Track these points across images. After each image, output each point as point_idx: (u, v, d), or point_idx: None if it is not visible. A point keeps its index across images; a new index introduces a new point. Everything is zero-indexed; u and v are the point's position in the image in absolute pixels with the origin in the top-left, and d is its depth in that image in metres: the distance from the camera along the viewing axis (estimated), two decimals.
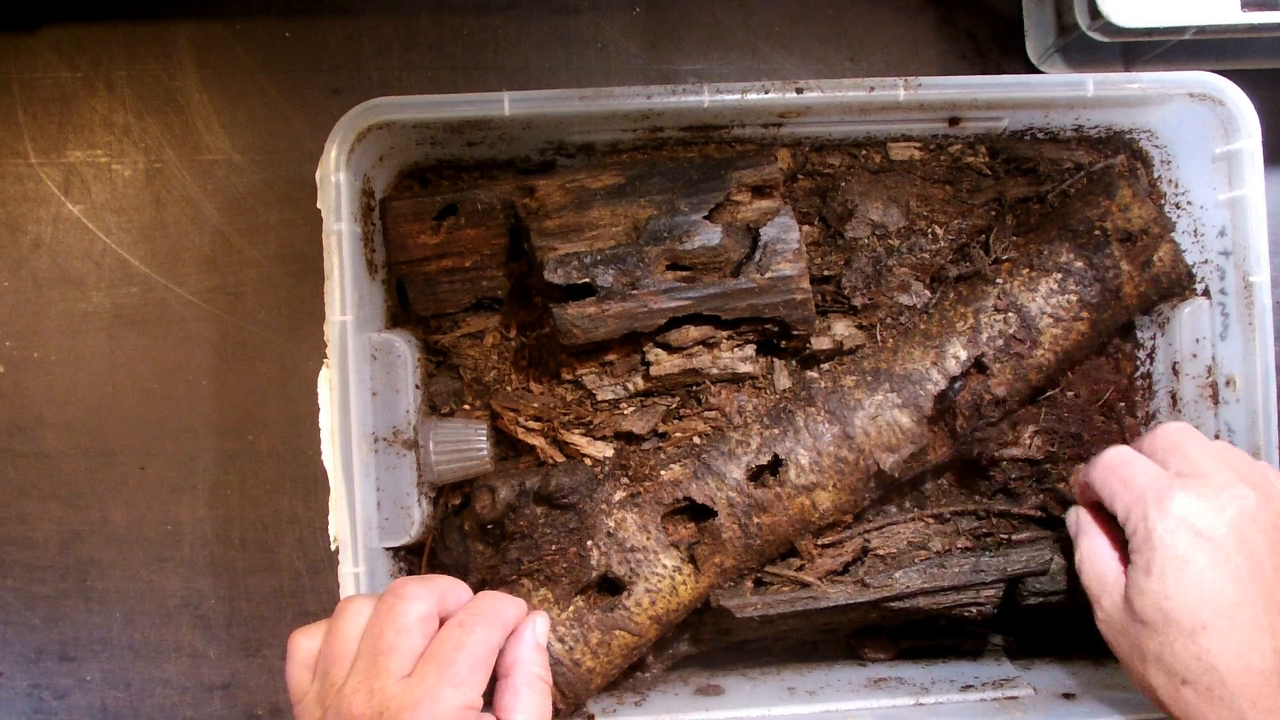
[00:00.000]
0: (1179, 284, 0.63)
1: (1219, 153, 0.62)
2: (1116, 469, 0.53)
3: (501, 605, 0.50)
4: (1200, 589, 0.49)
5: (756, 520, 0.59)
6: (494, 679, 0.49)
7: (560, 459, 0.62)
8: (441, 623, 0.48)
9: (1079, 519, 0.56)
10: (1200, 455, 0.52)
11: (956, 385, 0.60)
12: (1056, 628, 0.67)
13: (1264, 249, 0.61)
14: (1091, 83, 0.61)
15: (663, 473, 0.60)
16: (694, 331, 0.59)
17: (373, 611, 0.48)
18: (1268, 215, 0.61)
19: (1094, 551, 0.54)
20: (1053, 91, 0.61)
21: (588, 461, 0.61)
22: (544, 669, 0.49)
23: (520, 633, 0.50)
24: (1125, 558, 0.52)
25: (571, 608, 0.58)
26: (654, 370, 0.60)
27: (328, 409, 0.57)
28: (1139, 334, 0.68)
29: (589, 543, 0.58)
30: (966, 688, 0.63)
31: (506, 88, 0.59)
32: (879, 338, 0.62)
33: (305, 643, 0.49)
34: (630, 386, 0.61)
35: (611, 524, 0.59)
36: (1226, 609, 0.48)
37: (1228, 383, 0.63)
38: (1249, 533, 0.49)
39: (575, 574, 0.58)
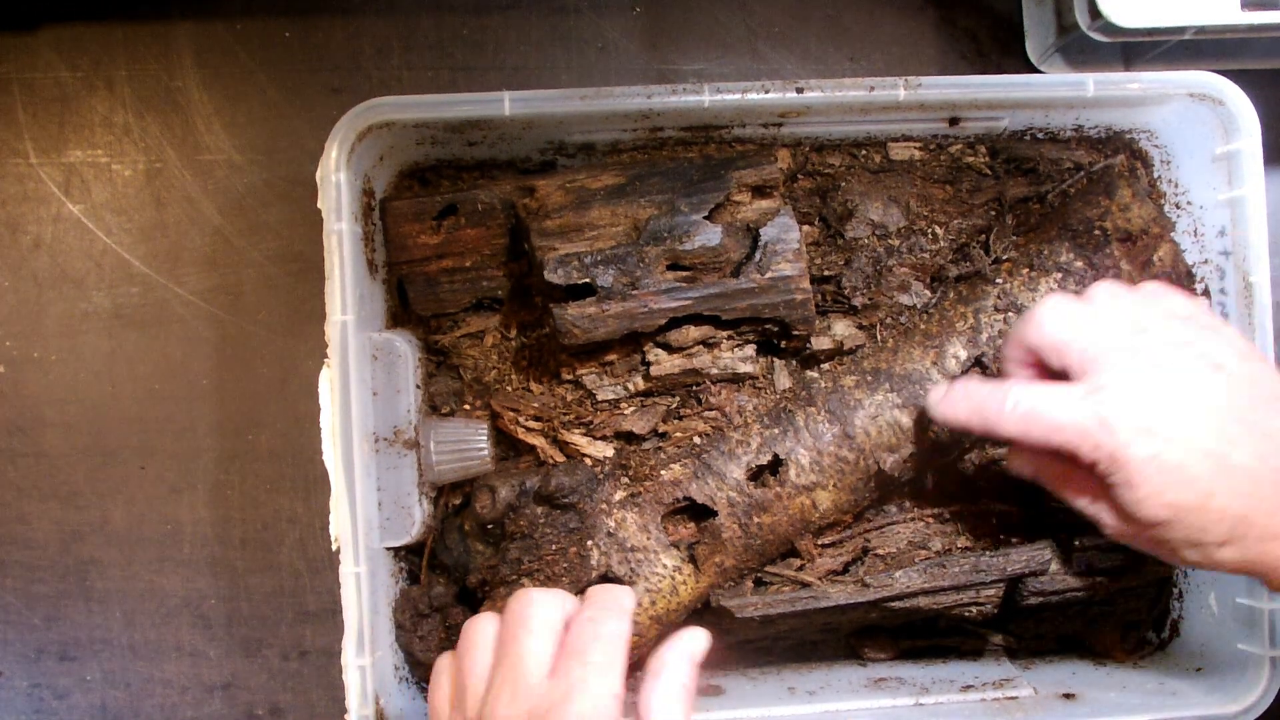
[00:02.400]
0: (1179, 284, 0.63)
1: (1219, 153, 0.62)
2: (1034, 415, 0.50)
3: (620, 595, 0.49)
4: (1187, 470, 0.48)
5: (757, 520, 0.59)
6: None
7: (560, 459, 0.62)
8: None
9: (1034, 465, 0.54)
10: (1096, 340, 0.50)
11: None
12: (1056, 628, 0.67)
13: (1264, 249, 0.61)
14: (1091, 83, 0.61)
15: (663, 473, 0.60)
16: (694, 331, 0.59)
17: (501, 622, 0.48)
18: (1268, 215, 0.61)
19: (1069, 487, 0.53)
20: (1053, 91, 0.61)
21: (588, 461, 0.61)
22: (692, 682, 0.47)
23: (679, 639, 0.48)
24: (1096, 479, 0.50)
25: None
26: (654, 370, 0.60)
27: (328, 409, 0.57)
28: None
29: (589, 543, 0.58)
30: (967, 688, 0.63)
31: (506, 88, 0.59)
32: (879, 338, 0.62)
33: (445, 663, 0.50)
34: (630, 386, 0.61)
35: (612, 524, 0.59)
36: (1219, 466, 0.48)
37: None
38: (1188, 389, 0.49)
39: (575, 574, 0.58)
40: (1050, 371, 0.52)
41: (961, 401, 0.53)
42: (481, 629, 0.49)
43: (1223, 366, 0.50)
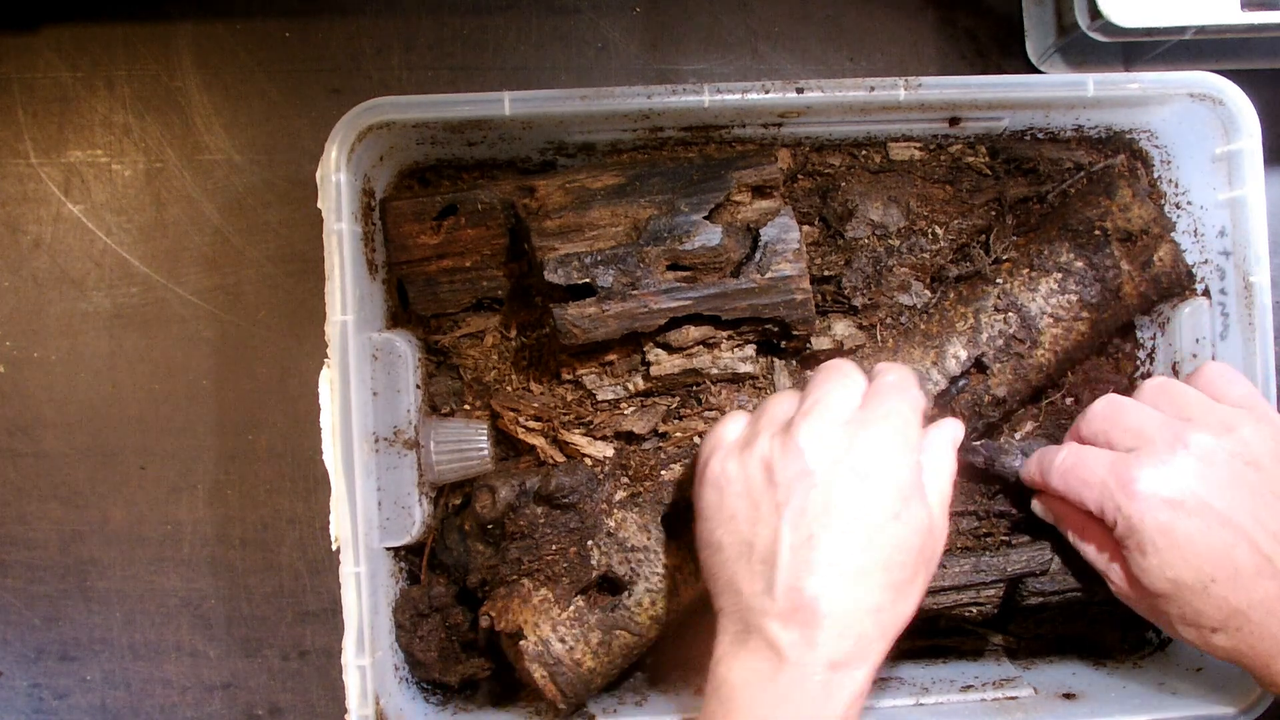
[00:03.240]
0: (1179, 284, 0.63)
1: (1219, 153, 0.62)
2: (1071, 470, 0.54)
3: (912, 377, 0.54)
4: (1195, 549, 0.50)
5: None
6: None
7: (560, 459, 0.62)
8: None
9: (1055, 512, 0.57)
10: (1137, 421, 0.53)
11: (957, 385, 0.60)
12: (1056, 628, 0.67)
13: (1264, 249, 0.61)
14: (1091, 83, 0.61)
15: (663, 473, 0.60)
16: (694, 331, 0.59)
17: (810, 381, 0.53)
18: (1268, 215, 0.61)
19: (1085, 541, 0.55)
20: (1053, 91, 0.61)
21: (588, 461, 0.61)
22: (955, 451, 0.54)
23: (943, 425, 0.54)
24: (1111, 539, 0.53)
25: (572, 608, 0.58)
26: (654, 370, 0.60)
27: (329, 409, 0.57)
28: (1139, 334, 0.68)
29: (589, 543, 0.58)
30: (967, 688, 0.63)
31: (506, 88, 0.59)
32: (879, 338, 0.62)
33: (735, 413, 0.55)
34: (630, 386, 0.61)
35: (612, 524, 0.59)
36: (1225, 556, 0.49)
37: None
38: (1215, 474, 0.50)
39: (576, 574, 0.58)
40: None
41: (1035, 459, 0.58)
42: (785, 391, 0.55)
43: (1256, 462, 0.51)
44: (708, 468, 0.53)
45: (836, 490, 0.48)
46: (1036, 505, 0.58)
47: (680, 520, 0.60)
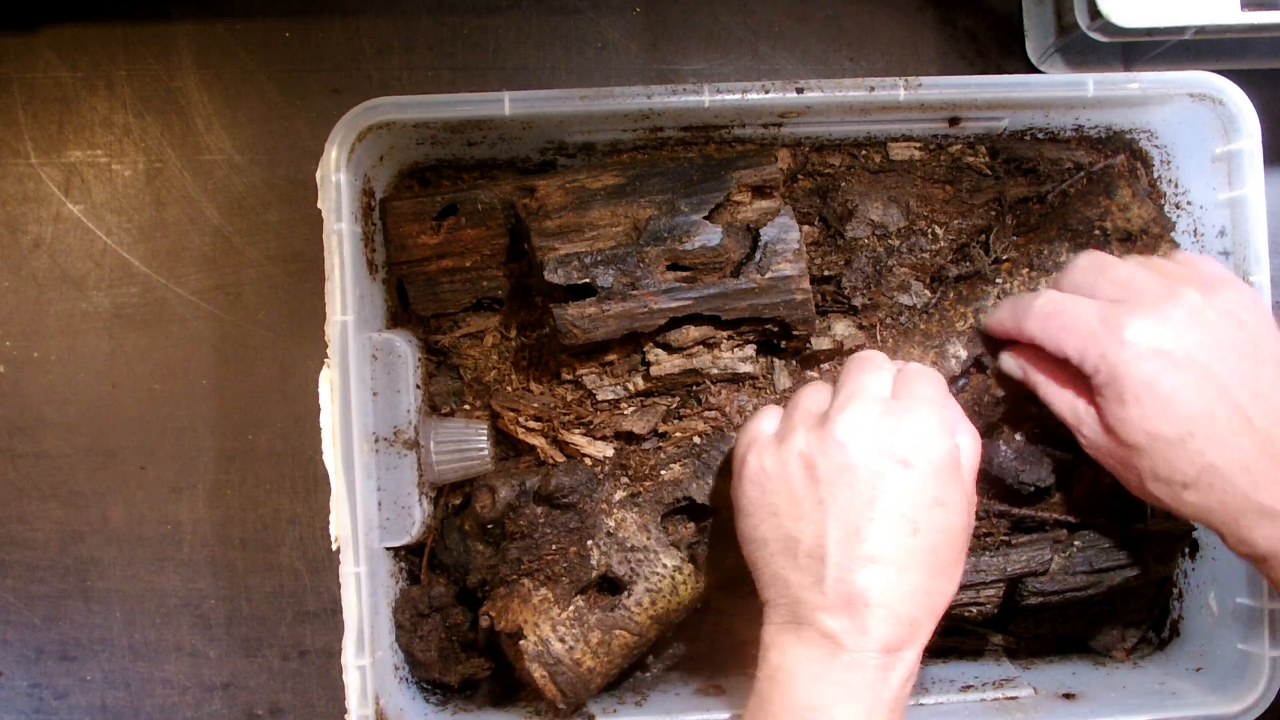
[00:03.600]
0: None
1: (1219, 153, 0.62)
2: (1053, 316, 0.53)
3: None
4: (1176, 403, 0.49)
5: None
6: None
7: (560, 459, 0.62)
8: None
9: (1024, 366, 0.56)
10: (1126, 274, 0.53)
11: (957, 385, 0.60)
12: (1056, 628, 0.67)
13: (1264, 249, 0.61)
14: (1091, 83, 0.61)
15: (663, 473, 0.60)
16: (694, 331, 0.59)
17: (843, 373, 0.53)
18: (1268, 215, 0.61)
19: (1057, 391, 0.54)
20: (1053, 91, 0.61)
21: (588, 461, 0.61)
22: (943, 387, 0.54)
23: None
24: (1087, 390, 0.52)
25: (572, 608, 0.58)
26: (654, 370, 0.60)
27: (329, 409, 0.57)
28: None
29: (589, 542, 0.58)
30: (967, 688, 0.63)
31: (506, 88, 0.59)
32: (879, 338, 0.62)
33: (767, 407, 0.56)
34: (630, 386, 0.61)
35: (612, 524, 0.59)
36: (1206, 411, 0.49)
37: None
38: (1203, 331, 0.50)
39: (575, 574, 0.58)
40: None
41: (1006, 306, 0.57)
42: (816, 383, 0.55)
43: (1241, 322, 0.51)
44: (745, 464, 0.53)
45: (880, 482, 0.48)
46: (1006, 359, 0.58)
47: (680, 520, 0.60)
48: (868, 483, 0.48)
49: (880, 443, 0.49)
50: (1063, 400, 0.54)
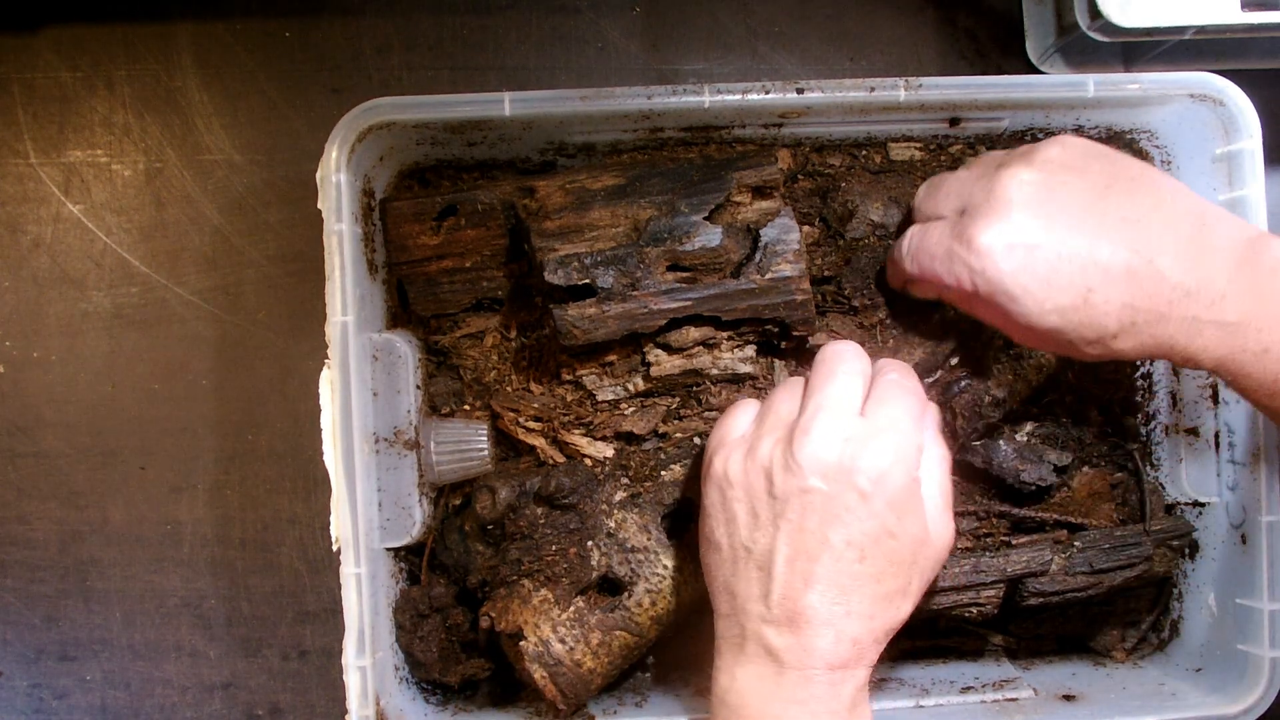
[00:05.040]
0: None
1: (1219, 153, 0.62)
2: (919, 252, 0.54)
3: (908, 368, 0.54)
4: (1059, 272, 0.49)
5: None
6: None
7: (560, 459, 0.62)
8: None
9: (939, 292, 0.56)
10: (955, 183, 0.54)
11: (957, 385, 0.60)
12: (1056, 628, 0.67)
13: None
14: (1092, 83, 0.61)
15: (663, 473, 0.60)
16: (694, 332, 0.59)
17: (813, 369, 0.53)
18: (1268, 215, 0.61)
19: (972, 305, 0.54)
20: (1053, 92, 0.61)
21: (588, 462, 0.61)
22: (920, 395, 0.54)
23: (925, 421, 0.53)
24: (984, 302, 0.52)
25: (572, 608, 0.58)
26: (654, 371, 0.60)
27: (329, 409, 0.57)
28: None
29: (589, 543, 0.58)
30: (967, 689, 0.63)
31: (506, 88, 0.59)
32: (879, 338, 0.62)
33: (741, 404, 0.55)
34: (630, 387, 0.61)
35: (612, 524, 0.59)
36: (1090, 262, 0.49)
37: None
38: (1043, 196, 0.50)
39: (576, 574, 0.58)
40: None
41: (891, 253, 0.58)
42: (791, 381, 0.54)
43: (1071, 166, 0.51)
44: (711, 465, 0.53)
45: (835, 509, 0.48)
46: (913, 288, 0.58)
47: (681, 520, 0.60)
48: (823, 508, 0.48)
49: (840, 469, 0.48)
50: (983, 318, 0.54)
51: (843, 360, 0.52)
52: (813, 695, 0.47)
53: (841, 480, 0.48)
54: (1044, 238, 0.49)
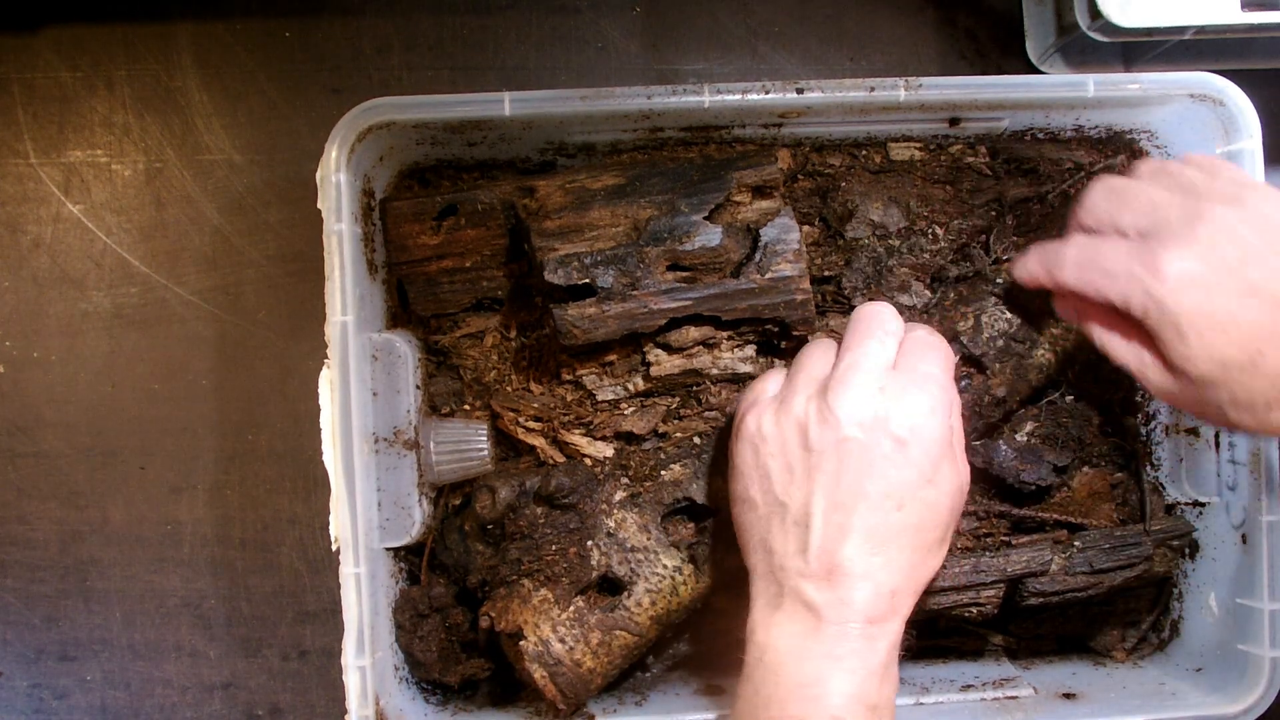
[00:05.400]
0: None
1: (1219, 153, 0.62)
2: (1088, 264, 0.51)
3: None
4: (1237, 325, 0.47)
5: None
6: None
7: (560, 459, 0.62)
8: None
9: (1076, 309, 0.54)
10: (1146, 200, 0.51)
11: (957, 385, 0.60)
12: (1056, 628, 0.67)
13: None
14: (1092, 83, 0.61)
15: (663, 473, 0.60)
16: (694, 332, 0.59)
17: (850, 331, 0.53)
18: None
19: (1113, 339, 0.52)
20: (1053, 92, 0.61)
21: (588, 462, 0.61)
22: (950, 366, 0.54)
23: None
24: (1142, 333, 0.50)
25: (572, 608, 0.58)
26: (654, 370, 0.60)
27: (328, 409, 0.57)
28: None
29: (589, 543, 0.58)
30: (967, 687, 0.63)
31: (506, 88, 0.59)
32: None
33: (772, 371, 0.55)
34: (630, 387, 0.61)
35: (612, 524, 0.59)
36: (1270, 324, 0.47)
37: None
38: (1241, 246, 0.48)
39: (575, 574, 0.58)
40: None
41: (1034, 256, 0.55)
42: (822, 340, 0.55)
43: (1275, 226, 0.48)
44: (744, 423, 0.53)
45: (872, 458, 0.48)
46: (1058, 306, 0.56)
47: (681, 520, 0.60)
48: (860, 458, 0.48)
49: (876, 419, 0.48)
50: (1121, 348, 0.52)
51: (879, 319, 0.52)
52: (850, 650, 0.47)
53: (878, 430, 0.48)
54: (1232, 284, 0.47)
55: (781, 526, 0.50)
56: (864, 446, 0.48)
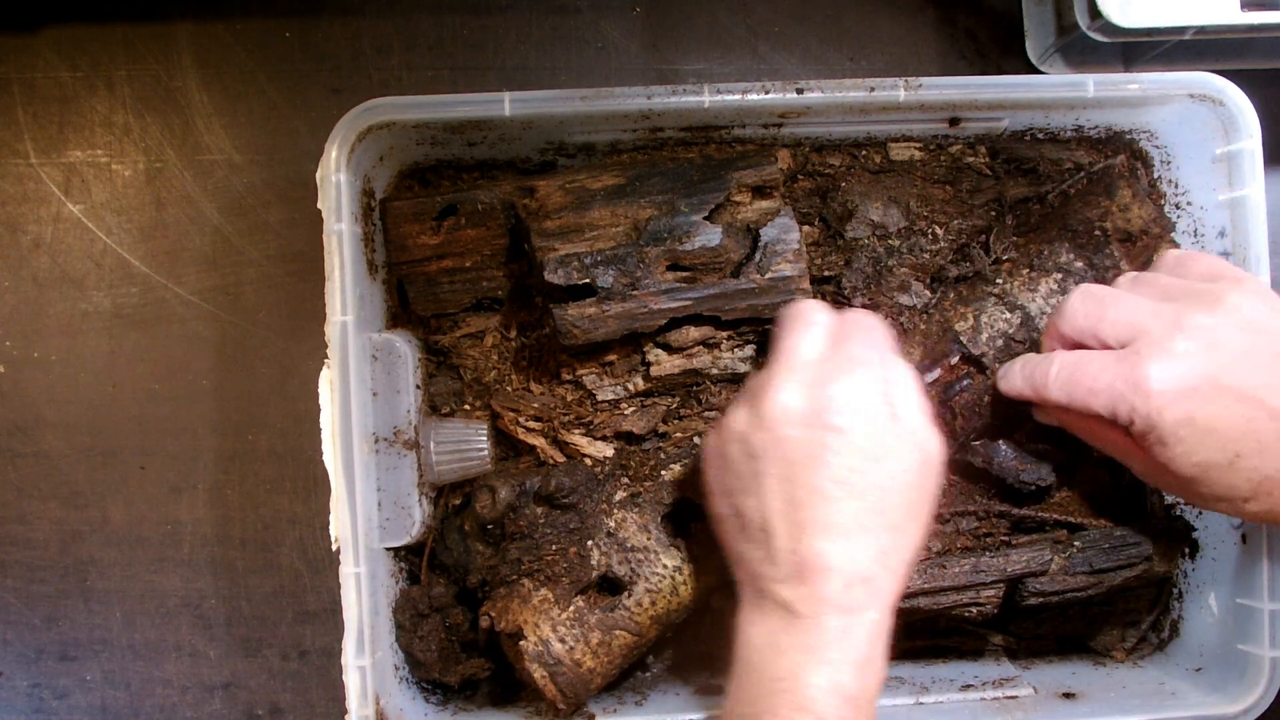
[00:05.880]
0: None
1: (1219, 153, 0.62)
2: (1072, 380, 0.53)
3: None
4: (1216, 431, 0.49)
5: None
6: None
7: (560, 459, 0.62)
8: None
9: (1058, 419, 0.56)
10: (1126, 312, 0.52)
11: (957, 385, 0.60)
12: (1056, 628, 0.67)
13: (1264, 249, 0.61)
14: (1091, 83, 0.61)
15: (663, 473, 0.60)
16: (694, 332, 0.59)
17: (776, 330, 0.54)
18: (1268, 215, 0.61)
19: (1100, 438, 0.54)
20: (1053, 92, 0.61)
21: (588, 462, 0.61)
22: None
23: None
24: (1126, 434, 0.52)
25: (572, 608, 0.58)
26: (654, 370, 0.60)
27: (328, 409, 0.57)
28: None
29: (589, 543, 0.58)
30: (967, 687, 0.63)
31: (506, 88, 0.59)
32: None
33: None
34: (630, 387, 0.61)
35: (612, 524, 0.59)
36: (1247, 429, 0.49)
37: None
38: (1221, 353, 0.50)
39: (576, 574, 0.58)
40: None
41: (1018, 372, 0.56)
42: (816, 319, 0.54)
43: (1253, 326, 0.50)
44: (706, 444, 0.54)
45: (814, 452, 0.48)
46: (1039, 415, 0.58)
47: (681, 520, 0.60)
48: (803, 454, 0.48)
49: (811, 412, 0.49)
50: (1106, 446, 0.55)
51: (801, 314, 0.53)
52: (825, 642, 0.47)
53: (813, 423, 0.48)
54: (1212, 392, 0.49)
55: (747, 536, 0.50)
56: (803, 442, 0.48)
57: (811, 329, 0.52)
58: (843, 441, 0.48)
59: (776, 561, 0.49)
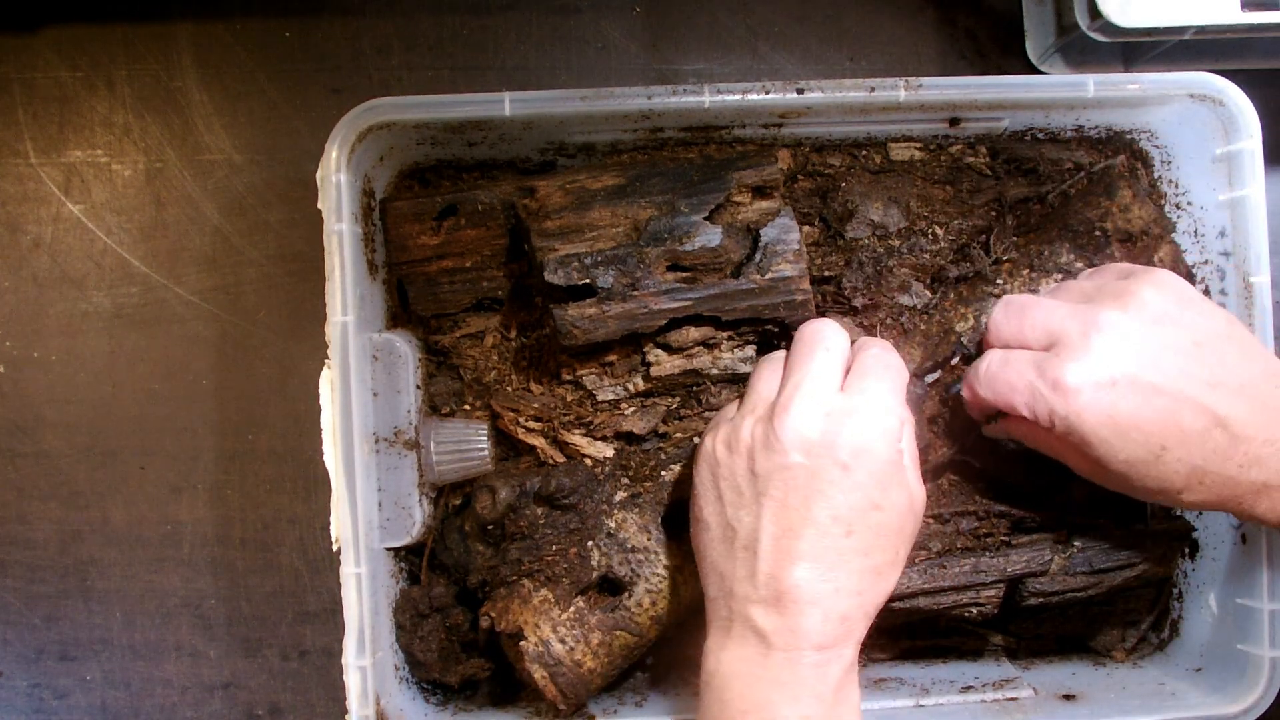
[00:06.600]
0: None
1: (1219, 153, 0.62)
2: (997, 377, 0.53)
3: (888, 345, 0.55)
4: (1138, 427, 0.49)
5: None
6: None
7: (560, 459, 0.62)
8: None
9: (1005, 425, 0.56)
10: (1043, 315, 0.53)
11: (957, 385, 0.60)
12: (1056, 628, 0.67)
13: (1264, 250, 0.61)
14: (1092, 83, 0.61)
15: (663, 473, 0.60)
16: (694, 332, 0.59)
17: (793, 351, 0.53)
18: (1268, 216, 0.61)
19: (1030, 437, 0.55)
20: (1053, 92, 0.61)
21: (588, 462, 0.61)
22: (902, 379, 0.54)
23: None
24: (1057, 438, 0.52)
25: (572, 608, 0.58)
26: (654, 371, 0.60)
27: (329, 409, 0.57)
28: None
29: (590, 543, 0.58)
30: (967, 688, 0.63)
31: (506, 88, 0.59)
32: (879, 338, 0.62)
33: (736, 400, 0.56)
34: (630, 387, 0.61)
35: (612, 524, 0.59)
36: (1169, 422, 0.49)
37: None
38: (1135, 348, 0.50)
39: (576, 574, 0.58)
40: None
41: (966, 375, 0.57)
42: (772, 358, 0.55)
43: (1165, 318, 0.51)
44: (702, 445, 0.54)
45: (818, 484, 0.48)
46: (987, 430, 0.58)
47: (681, 520, 0.60)
48: (805, 483, 0.48)
49: (822, 443, 0.48)
50: (1041, 446, 0.55)
51: (821, 337, 0.53)
52: (798, 678, 0.47)
53: (823, 455, 0.48)
54: (1129, 389, 0.49)
55: (731, 550, 0.50)
56: (810, 472, 0.48)
57: (832, 354, 0.52)
58: (848, 480, 0.48)
59: (756, 583, 0.48)
